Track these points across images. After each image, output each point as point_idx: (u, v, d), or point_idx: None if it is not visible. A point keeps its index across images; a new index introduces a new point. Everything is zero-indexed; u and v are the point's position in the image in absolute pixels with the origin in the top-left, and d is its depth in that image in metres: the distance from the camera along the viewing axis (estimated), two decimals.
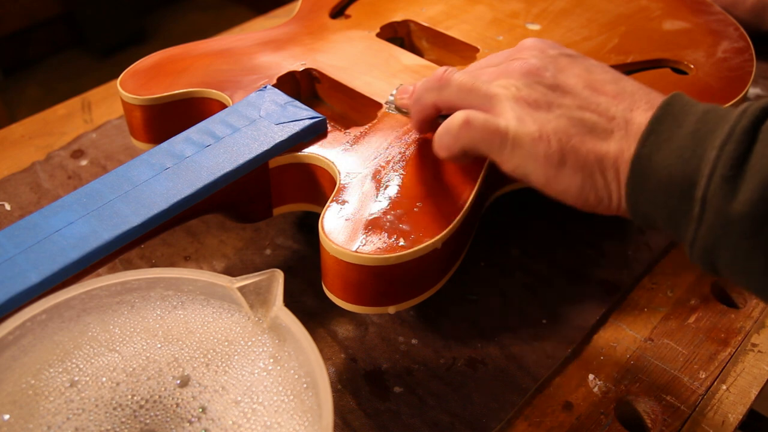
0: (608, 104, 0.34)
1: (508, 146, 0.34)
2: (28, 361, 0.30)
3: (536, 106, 0.34)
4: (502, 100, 0.35)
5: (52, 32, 1.94)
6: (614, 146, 0.32)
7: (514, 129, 0.34)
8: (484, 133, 0.34)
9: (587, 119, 0.33)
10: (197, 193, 0.37)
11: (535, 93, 0.35)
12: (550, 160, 0.33)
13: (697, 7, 0.56)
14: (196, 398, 0.29)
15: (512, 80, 0.36)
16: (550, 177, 0.33)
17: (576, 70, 0.36)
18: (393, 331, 0.42)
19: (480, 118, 0.35)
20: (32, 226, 0.35)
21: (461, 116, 0.35)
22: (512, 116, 0.34)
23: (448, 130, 0.36)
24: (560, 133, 0.33)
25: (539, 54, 0.37)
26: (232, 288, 0.31)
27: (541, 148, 0.33)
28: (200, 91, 0.45)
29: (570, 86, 0.35)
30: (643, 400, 0.39)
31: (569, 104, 0.34)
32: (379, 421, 0.38)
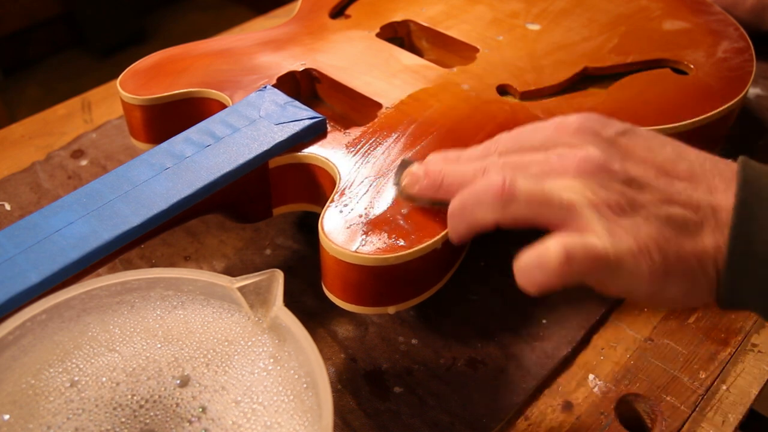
0: (688, 191, 0.31)
1: (612, 271, 0.29)
2: (28, 361, 0.30)
3: (620, 211, 0.30)
4: (583, 211, 0.30)
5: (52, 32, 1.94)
6: (709, 241, 0.30)
7: (612, 248, 0.29)
8: (588, 265, 0.29)
9: (676, 216, 0.30)
10: (197, 193, 0.37)
11: (613, 194, 0.30)
12: (655, 273, 0.29)
13: (697, 7, 0.56)
14: (196, 398, 0.29)
15: (578, 180, 0.31)
16: (655, 291, 0.30)
17: (639, 153, 0.32)
18: (393, 331, 0.42)
19: (579, 249, 0.29)
20: (32, 226, 0.35)
21: (557, 252, 0.29)
22: (602, 231, 0.29)
23: (543, 267, 0.29)
24: (659, 241, 0.29)
25: (595, 140, 0.32)
26: (232, 288, 0.31)
27: (644, 264, 0.29)
28: (200, 91, 0.45)
29: (643, 176, 0.31)
30: (643, 400, 0.39)
31: (651, 200, 0.30)
32: (379, 421, 0.38)
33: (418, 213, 0.37)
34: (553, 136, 0.33)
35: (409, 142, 0.42)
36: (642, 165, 0.31)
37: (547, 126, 0.34)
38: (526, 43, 0.52)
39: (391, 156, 0.40)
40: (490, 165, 0.33)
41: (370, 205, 0.37)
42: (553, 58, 0.50)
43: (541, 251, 0.30)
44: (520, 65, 0.50)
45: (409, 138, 0.42)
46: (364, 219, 0.36)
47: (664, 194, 0.30)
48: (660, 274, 0.29)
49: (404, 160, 0.39)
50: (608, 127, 0.33)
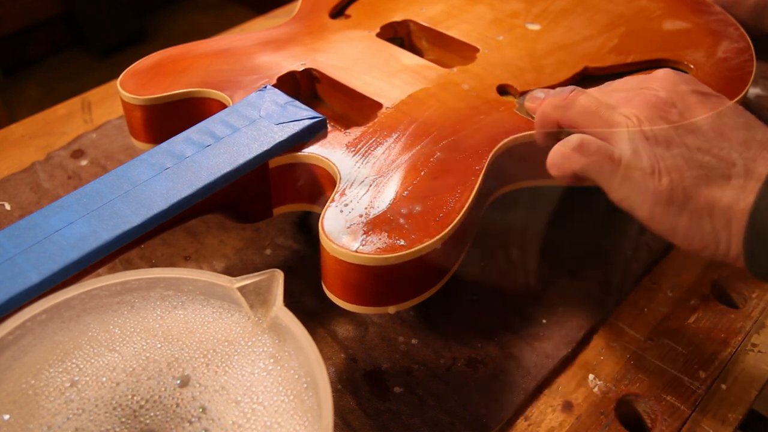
0: (731, 149, 0.33)
1: (618, 176, 0.34)
2: (28, 361, 0.30)
3: (655, 141, 0.34)
4: (622, 130, 0.35)
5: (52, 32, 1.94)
6: (729, 194, 0.32)
7: (627, 160, 0.34)
8: (597, 159, 0.34)
9: (705, 162, 0.33)
10: (197, 193, 0.37)
11: (656, 129, 0.34)
12: (659, 197, 0.33)
13: (697, 7, 0.56)
14: (196, 398, 0.29)
15: (636, 110, 0.35)
16: (656, 214, 0.33)
17: (703, 110, 0.35)
18: (393, 331, 0.42)
19: (594, 144, 0.35)
20: (32, 226, 0.35)
21: (576, 139, 0.35)
22: (628, 147, 0.34)
23: (562, 151, 0.36)
24: (673, 172, 0.33)
25: (670, 87, 0.36)
26: (232, 288, 0.31)
27: (651, 184, 0.33)
28: (200, 91, 0.45)
29: (695, 126, 0.34)
30: (643, 400, 0.39)
31: (690, 144, 0.33)
32: (379, 421, 0.38)
33: (419, 213, 0.37)
34: (643, 80, 0.38)
35: (410, 142, 0.42)
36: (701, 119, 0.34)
37: (644, 75, 0.39)
38: (527, 43, 0.52)
39: (391, 156, 0.40)
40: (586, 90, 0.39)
41: (370, 205, 0.37)
42: (554, 58, 0.50)
43: (565, 141, 0.36)
44: (521, 65, 0.50)
45: (409, 138, 0.42)
46: (364, 219, 0.36)
47: (706, 144, 0.33)
48: (663, 199, 0.32)
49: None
50: (690, 83, 0.37)
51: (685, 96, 0.36)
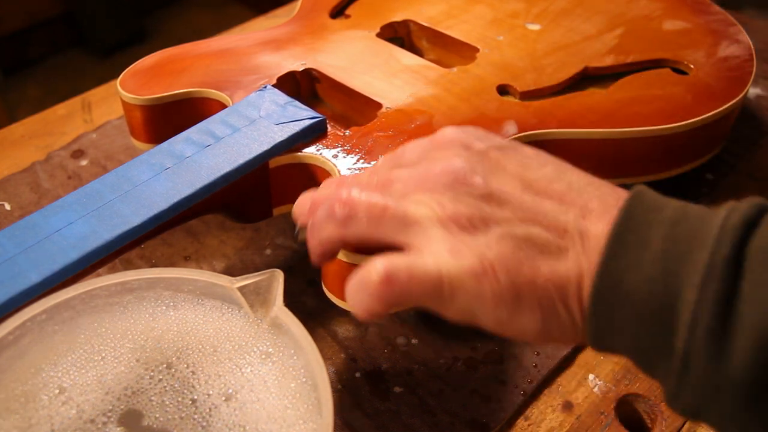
0: (556, 212, 0.27)
1: (445, 292, 0.27)
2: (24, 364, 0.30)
3: (470, 227, 0.27)
4: (426, 226, 0.27)
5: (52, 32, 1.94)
6: (573, 268, 0.26)
7: (447, 269, 0.26)
8: (414, 286, 0.27)
9: (535, 236, 0.27)
10: (197, 193, 0.37)
11: (465, 208, 0.27)
12: (501, 299, 0.26)
13: (697, 7, 0.56)
14: (195, 400, 0.29)
15: (433, 194, 0.28)
16: (503, 319, 0.27)
17: (511, 168, 0.29)
18: (393, 331, 0.42)
19: (402, 269, 0.27)
20: (32, 226, 0.35)
21: (377, 272, 0.27)
22: (442, 248, 0.27)
23: (364, 288, 0.27)
24: (507, 262, 0.26)
25: (463, 152, 0.29)
26: (232, 288, 0.31)
27: (486, 286, 0.26)
28: (200, 91, 0.45)
29: (507, 193, 0.28)
30: (643, 400, 0.39)
31: (509, 218, 0.27)
32: (379, 421, 0.38)
33: None
34: (427, 149, 0.31)
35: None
36: (510, 181, 0.28)
37: (425, 140, 0.32)
38: (527, 43, 0.52)
39: None
40: (360, 183, 0.30)
41: None
42: (554, 58, 0.50)
43: (365, 270, 0.28)
44: (521, 65, 0.50)
45: (409, 138, 0.42)
46: None
47: (527, 213, 0.27)
48: (508, 299, 0.26)
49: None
50: (482, 140, 0.30)
51: (483, 156, 0.29)
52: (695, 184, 0.52)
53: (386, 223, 0.28)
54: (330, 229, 0.30)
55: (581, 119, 0.44)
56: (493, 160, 0.29)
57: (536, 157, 0.30)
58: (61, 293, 0.30)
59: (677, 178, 0.49)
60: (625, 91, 0.47)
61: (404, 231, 0.28)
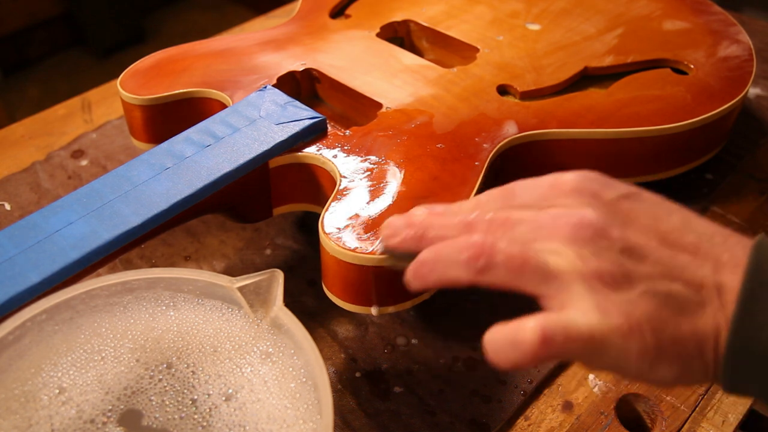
0: (692, 267, 0.28)
1: (596, 351, 0.27)
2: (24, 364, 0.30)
3: (613, 284, 0.27)
4: (568, 281, 0.27)
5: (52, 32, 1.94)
6: (711, 323, 0.27)
7: (598, 327, 0.26)
8: (568, 347, 0.27)
9: (675, 293, 0.27)
10: (197, 193, 0.37)
11: (608, 264, 0.27)
12: (646, 355, 0.27)
13: (697, 7, 0.56)
14: (195, 400, 0.29)
15: (570, 245, 0.28)
16: (644, 371, 0.27)
17: (643, 220, 0.29)
18: (393, 331, 0.42)
19: (559, 329, 0.26)
20: (32, 226, 0.35)
21: (533, 332, 0.27)
22: (589, 306, 0.27)
23: (516, 346, 0.27)
24: (653, 321, 0.27)
25: (594, 201, 0.29)
26: (232, 288, 0.31)
27: (633, 345, 0.27)
28: (200, 91, 0.45)
29: (644, 247, 0.28)
30: (643, 400, 0.39)
31: (650, 273, 0.27)
32: (379, 421, 0.38)
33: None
34: (547, 194, 0.30)
35: (409, 142, 0.42)
36: (644, 233, 0.28)
37: (542, 182, 0.31)
38: (527, 43, 0.52)
39: (391, 156, 0.40)
40: (477, 220, 0.30)
41: (370, 205, 0.37)
42: (554, 58, 0.50)
43: (515, 329, 0.27)
44: (521, 65, 0.50)
45: (409, 138, 0.42)
46: (364, 219, 0.36)
47: (666, 268, 0.28)
48: (651, 355, 0.27)
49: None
50: (610, 188, 0.30)
51: (615, 207, 0.29)
52: (695, 184, 0.52)
53: (526, 276, 0.28)
54: (460, 272, 0.29)
55: (581, 119, 0.44)
56: (625, 211, 0.29)
57: (661, 205, 0.30)
58: (61, 293, 0.30)
59: (677, 178, 0.49)
60: (625, 91, 0.47)
61: (545, 284, 0.28)
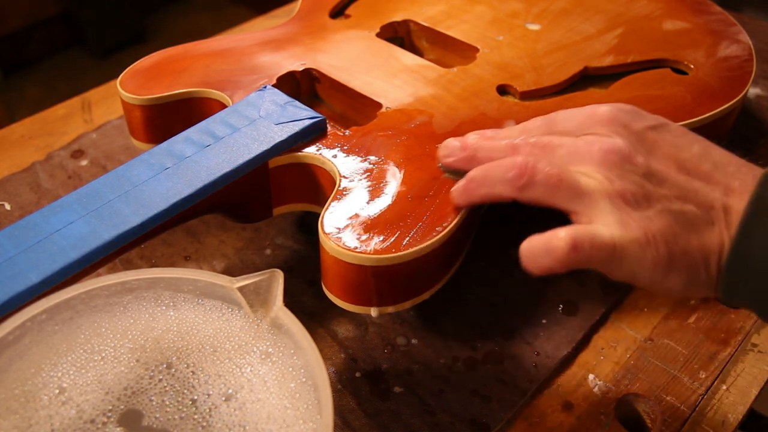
0: (705, 191, 0.32)
1: (616, 259, 0.31)
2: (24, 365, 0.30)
3: (635, 202, 0.31)
4: (596, 198, 0.32)
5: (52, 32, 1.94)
6: (716, 239, 0.31)
7: (619, 238, 0.31)
8: (594, 253, 0.31)
9: (688, 212, 0.31)
10: (197, 193, 0.37)
11: (631, 185, 0.32)
12: (659, 264, 0.31)
13: (697, 7, 0.56)
14: (195, 400, 0.29)
15: (600, 168, 0.32)
16: (657, 280, 0.31)
17: (666, 149, 0.33)
18: (393, 331, 0.42)
19: (586, 238, 0.30)
20: (32, 226, 0.35)
21: (564, 239, 0.30)
22: (613, 220, 0.31)
23: (552, 255, 0.31)
24: (666, 235, 0.31)
25: (624, 131, 0.33)
26: (232, 288, 0.31)
27: (648, 254, 0.31)
28: (200, 91, 0.45)
29: (664, 172, 0.32)
30: (643, 400, 0.39)
31: (667, 195, 0.32)
32: (379, 421, 0.38)
33: (419, 213, 0.37)
34: (585, 123, 0.34)
35: (409, 142, 0.42)
36: (665, 160, 0.33)
37: (581, 113, 0.35)
38: (526, 43, 0.52)
39: (391, 156, 0.40)
40: (521, 144, 0.35)
41: (370, 205, 0.37)
42: (553, 58, 0.50)
43: (549, 237, 0.31)
44: (520, 65, 0.50)
45: (409, 138, 0.42)
46: (364, 219, 0.36)
47: (681, 191, 0.32)
48: (664, 265, 0.31)
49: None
50: (639, 119, 0.34)
51: (642, 136, 0.33)
52: None
53: (561, 193, 0.32)
54: (505, 188, 0.34)
55: None
56: (650, 140, 0.33)
57: (684, 136, 0.34)
58: (61, 293, 0.30)
59: None
60: (625, 91, 0.47)
61: (576, 200, 0.32)
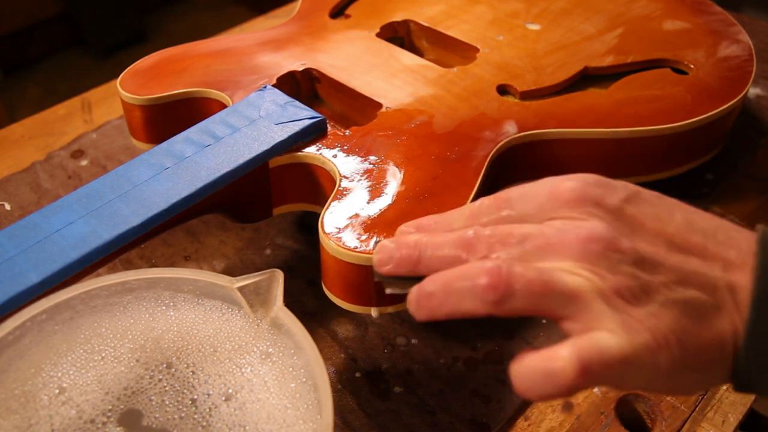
0: (704, 269, 0.27)
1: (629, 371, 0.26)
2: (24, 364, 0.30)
3: (632, 298, 0.26)
4: (588, 300, 0.26)
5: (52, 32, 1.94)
6: (728, 325, 0.27)
7: (630, 347, 0.25)
8: (604, 372, 0.25)
9: (692, 299, 0.27)
10: (197, 193, 0.37)
11: (625, 279, 0.27)
12: (674, 367, 0.26)
13: (697, 7, 0.56)
14: (195, 400, 0.29)
15: (585, 263, 0.27)
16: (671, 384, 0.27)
17: (648, 224, 0.28)
18: (393, 331, 0.42)
19: (595, 356, 0.25)
20: (32, 226, 0.35)
21: (570, 363, 0.25)
22: (616, 326, 0.26)
23: (552, 379, 0.25)
24: (677, 331, 0.26)
25: (598, 211, 0.28)
26: (232, 288, 0.31)
27: (662, 359, 0.26)
28: (200, 91, 0.45)
29: (654, 255, 0.27)
30: (643, 400, 0.39)
31: (666, 282, 0.27)
32: (379, 421, 0.38)
33: (419, 213, 0.37)
34: (547, 204, 0.29)
35: (409, 142, 0.42)
36: (652, 240, 0.28)
37: (540, 190, 0.29)
38: (527, 43, 0.52)
39: (391, 156, 0.40)
40: (476, 239, 0.29)
41: (370, 204, 0.37)
42: (554, 58, 0.50)
43: (548, 358, 0.26)
44: (521, 65, 0.50)
45: (408, 138, 0.42)
46: (364, 219, 0.36)
47: (679, 274, 0.27)
48: (679, 366, 0.26)
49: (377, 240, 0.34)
50: (611, 193, 0.28)
51: (621, 213, 0.28)
52: (695, 184, 0.52)
53: (547, 300, 0.27)
54: (475, 304, 0.27)
55: (581, 119, 0.44)
56: (630, 217, 0.28)
57: (662, 204, 0.29)
58: (61, 293, 0.30)
59: (677, 178, 0.49)
60: (625, 91, 0.47)
61: (567, 306, 0.27)
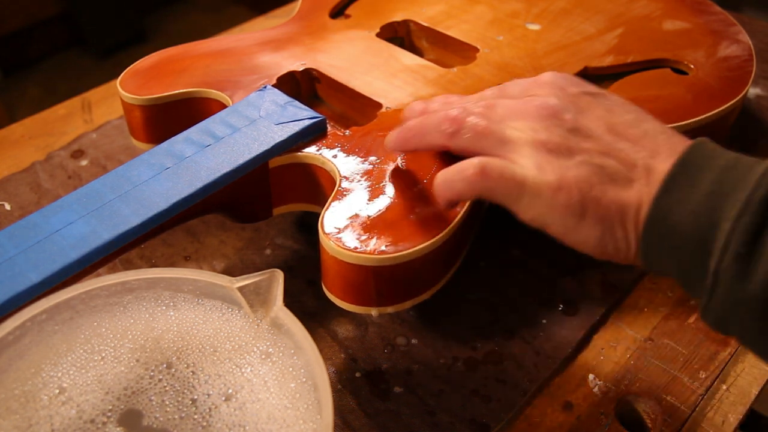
0: (630, 150, 0.32)
1: (526, 196, 0.32)
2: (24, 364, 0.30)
3: (556, 151, 0.33)
4: (519, 146, 0.33)
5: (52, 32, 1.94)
6: (635, 196, 0.31)
7: (532, 178, 0.32)
8: (501, 183, 0.33)
9: (608, 166, 0.32)
10: (197, 193, 0.37)
11: (555, 137, 0.33)
12: (571, 210, 0.32)
13: (697, 7, 0.56)
14: (195, 400, 0.29)
15: (529, 122, 0.34)
16: (569, 228, 0.32)
17: (598, 112, 0.34)
18: (393, 331, 0.42)
19: (497, 167, 0.33)
20: (32, 226, 0.35)
21: (476, 164, 0.33)
22: (530, 164, 0.33)
23: (462, 176, 0.34)
24: (581, 182, 0.32)
25: (559, 92, 0.35)
26: (232, 288, 0.31)
27: (561, 199, 0.32)
28: (200, 91, 0.45)
29: (591, 129, 0.33)
30: (643, 400, 0.39)
31: (590, 149, 0.33)
32: (379, 421, 0.38)
33: (419, 213, 0.37)
34: (528, 87, 0.37)
35: None
36: (594, 121, 0.34)
37: (528, 80, 0.38)
38: (527, 43, 0.52)
39: (391, 156, 0.40)
40: (472, 105, 0.36)
41: (370, 205, 0.37)
42: (553, 58, 0.50)
43: (463, 166, 0.34)
44: (520, 65, 0.50)
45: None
46: (364, 219, 0.36)
47: (605, 147, 0.33)
48: (576, 211, 0.31)
49: None
50: (577, 85, 0.36)
51: (576, 99, 0.35)
52: None
53: (486, 140, 0.34)
54: (436, 137, 0.36)
55: None
56: (584, 102, 0.35)
57: (622, 105, 0.35)
58: (61, 293, 0.30)
59: None
60: (625, 91, 0.47)
61: (501, 147, 0.34)
